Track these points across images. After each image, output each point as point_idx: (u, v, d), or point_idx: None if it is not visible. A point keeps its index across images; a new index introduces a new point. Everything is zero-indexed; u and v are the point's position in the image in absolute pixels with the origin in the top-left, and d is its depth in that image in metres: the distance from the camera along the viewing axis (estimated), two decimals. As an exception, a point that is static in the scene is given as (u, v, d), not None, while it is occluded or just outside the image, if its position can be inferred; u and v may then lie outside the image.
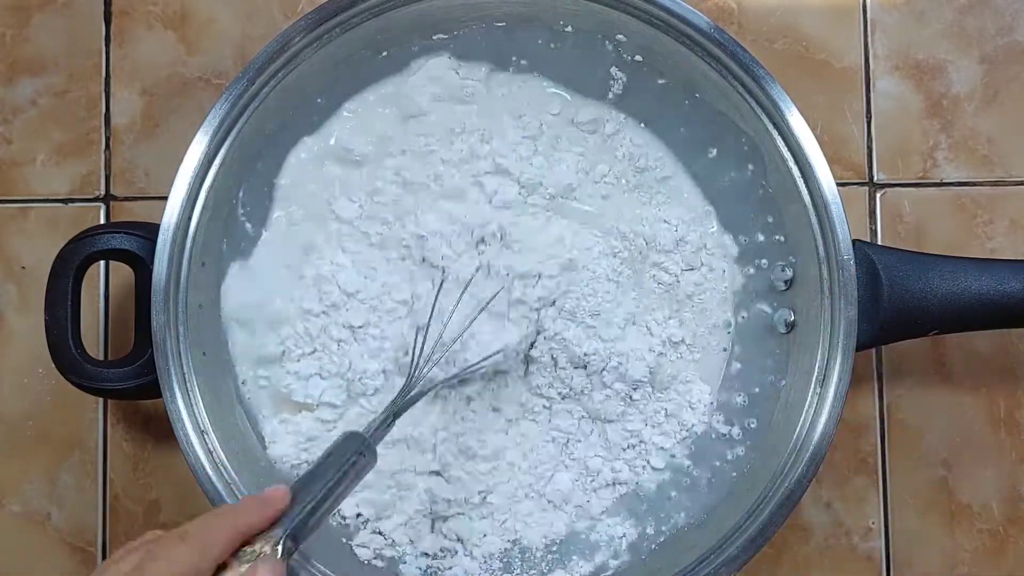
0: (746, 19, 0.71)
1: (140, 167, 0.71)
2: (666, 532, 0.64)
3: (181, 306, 0.59)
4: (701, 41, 0.60)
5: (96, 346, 0.69)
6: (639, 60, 0.64)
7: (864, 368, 0.70)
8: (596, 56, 0.65)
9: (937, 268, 0.60)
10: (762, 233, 0.64)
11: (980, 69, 0.71)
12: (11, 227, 0.71)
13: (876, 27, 0.71)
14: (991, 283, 0.59)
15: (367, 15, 0.61)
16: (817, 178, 0.59)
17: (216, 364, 0.62)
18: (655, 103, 0.66)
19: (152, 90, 0.71)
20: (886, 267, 0.59)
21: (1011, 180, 0.71)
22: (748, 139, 0.62)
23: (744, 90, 0.60)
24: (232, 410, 0.62)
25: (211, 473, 0.58)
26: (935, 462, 0.70)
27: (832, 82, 0.71)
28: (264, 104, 0.60)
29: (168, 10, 0.71)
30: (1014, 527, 0.69)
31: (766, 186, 0.62)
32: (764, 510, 0.58)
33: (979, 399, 0.70)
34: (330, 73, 0.63)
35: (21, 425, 0.70)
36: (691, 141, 0.66)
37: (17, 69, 0.71)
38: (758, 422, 0.63)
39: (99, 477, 0.70)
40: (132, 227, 0.60)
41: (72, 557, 0.69)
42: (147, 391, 0.59)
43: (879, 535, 0.69)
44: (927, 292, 0.59)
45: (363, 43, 0.62)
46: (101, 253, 0.60)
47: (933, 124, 0.71)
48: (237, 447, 0.60)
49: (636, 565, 0.63)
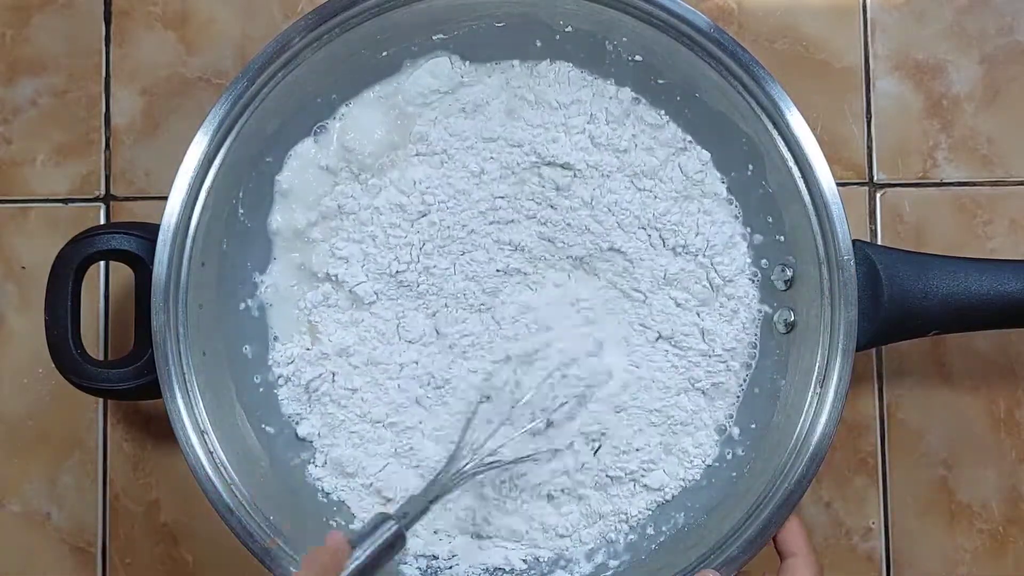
0: (746, 19, 0.71)
1: (140, 167, 0.71)
2: (666, 532, 0.64)
3: (181, 306, 0.59)
4: (701, 41, 0.59)
5: (96, 346, 0.69)
6: (639, 60, 0.64)
7: (864, 368, 0.70)
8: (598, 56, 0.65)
9: (937, 268, 0.60)
10: (762, 233, 0.64)
11: (980, 69, 0.71)
12: (11, 227, 0.71)
13: (876, 27, 0.71)
14: (991, 283, 0.59)
15: (367, 15, 0.61)
16: (817, 178, 0.58)
17: (216, 364, 0.62)
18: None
19: (152, 90, 0.71)
20: (886, 267, 0.59)
21: (1011, 180, 0.71)
22: (748, 139, 0.62)
23: (744, 90, 0.60)
24: (232, 410, 0.62)
25: (211, 473, 0.58)
26: (935, 462, 0.70)
27: (832, 82, 0.71)
28: (264, 104, 0.60)
29: (168, 10, 0.71)
30: (1014, 527, 0.69)
31: (766, 186, 0.62)
32: (764, 510, 0.58)
33: (979, 399, 0.70)
34: (330, 73, 0.63)
35: (21, 425, 0.70)
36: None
37: (17, 69, 0.71)
38: (758, 423, 0.63)
39: (99, 477, 0.70)
40: (132, 227, 0.60)
41: (72, 557, 0.69)
42: (147, 391, 0.59)
43: (879, 535, 0.69)
44: (927, 292, 0.59)
45: (363, 43, 0.63)
46: (101, 253, 0.60)
47: (933, 124, 0.71)
48: (237, 447, 0.60)
49: (636, 565, 0.63)
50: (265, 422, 0.64)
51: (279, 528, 0.58)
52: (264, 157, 0.64)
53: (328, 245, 0.65)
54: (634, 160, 0.64)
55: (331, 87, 0.64)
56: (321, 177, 0.65)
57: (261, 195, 0.64)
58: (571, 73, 0.65)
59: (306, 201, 0.65)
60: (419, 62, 0.65)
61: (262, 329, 0.65)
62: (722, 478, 0.63)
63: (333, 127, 0.65)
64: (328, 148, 0.65)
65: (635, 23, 0.61)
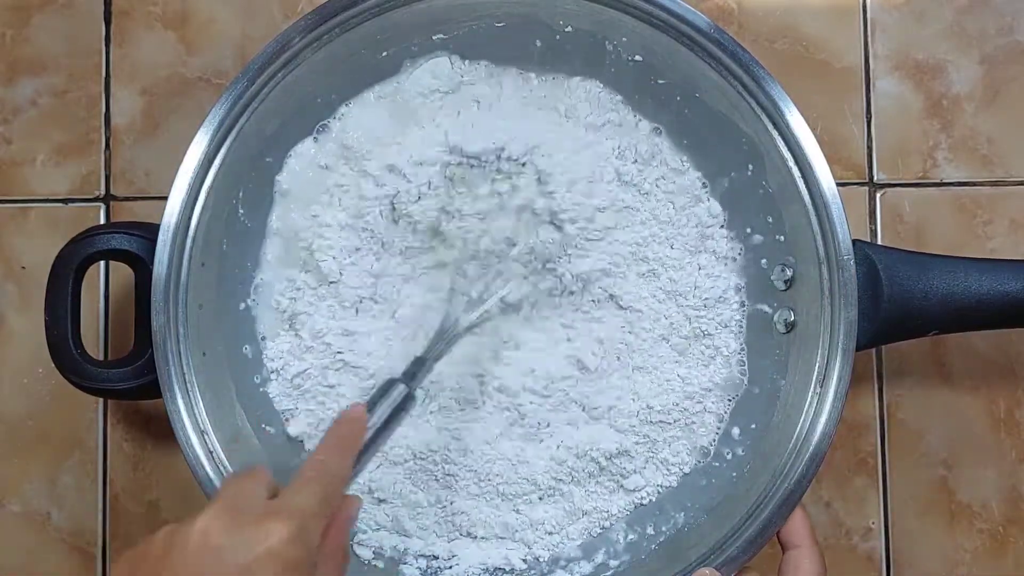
0: (746, 19, 0.71)
1: (140, 167, 0.71)
2: (666, 532, 0.64)
3: (181, 306, 0.59)
4: (701, 41, 0.59)
5: (96, 346, 0.69)
6: (639, 60, 0.64)
7: (864, 368, 0.70)
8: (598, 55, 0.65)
9: (937, 268, 0.60)
10: (762, 233, 0.64)
11: (980, 69, 0.71)
12: (11, 227, 0.71)
13: (876, 27, 0.71)
14: (991, 283, 0.59)
15: (367, 15, 0.61)
16: (817, 178, 0.58)
17: (216, 364, 0.62)
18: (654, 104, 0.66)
19: (152, 90, 0.71)
20: (886, 267, 0.59)
21: (1011, 180, 0.71)
22: (748, 139, 0.62)
23: (744, 90, 0.60)
24: (232, 410, 0.62)
25: (211, 473, 0.58)
26: (935, 462, 0.70)
27: (832, 82, 0.71)
28: (264, 104, 0.60)
29: (168, 10, 0.71)
30: (1014, 527, 0.69)
31: (766, 186, 0.62)
32: (764, 510, 0.58)
33: (979, 399, 0.70)
34: (330, 73, 0.63)
35: (21, 425, 0.70)
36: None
37: (17, 69, 0.71)
38: (758, 423, 0.63)
39: (99, 477, 0.70)
40: (132, 227, 0.60)
41: (72, 557, 0.69)
42: (147, 391, 0.59)
43: (879, 535, 0.69)
44: (927, 292, 0.59)
45: (363, 43, 0.62)
46: (101, 253, 0.60)
47: (933, 124, 0.71)
48: (237, 447, 0.60)
49: (636, 565, 0.63)
50: (265, 422, 0.64)
51: None
52: (264, 157, 0.64)
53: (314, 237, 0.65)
54: (655, 206, 0.65)
55: (331, 87, 0.64)
56: (321, 177, 0.66)
57: (261, 195, 0.64)
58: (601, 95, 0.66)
59: (306, 201, 0.65)
60: (419, 62, 0.65)
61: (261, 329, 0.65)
62: (722, 478, 0.63)
63: (334, 126, 0.65)
64: (328, 148, 0.65)
65: (635, 23, 0.61)
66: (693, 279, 0.64)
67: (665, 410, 0.64)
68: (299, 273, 0.65)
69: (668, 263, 0.64)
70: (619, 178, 0.64)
